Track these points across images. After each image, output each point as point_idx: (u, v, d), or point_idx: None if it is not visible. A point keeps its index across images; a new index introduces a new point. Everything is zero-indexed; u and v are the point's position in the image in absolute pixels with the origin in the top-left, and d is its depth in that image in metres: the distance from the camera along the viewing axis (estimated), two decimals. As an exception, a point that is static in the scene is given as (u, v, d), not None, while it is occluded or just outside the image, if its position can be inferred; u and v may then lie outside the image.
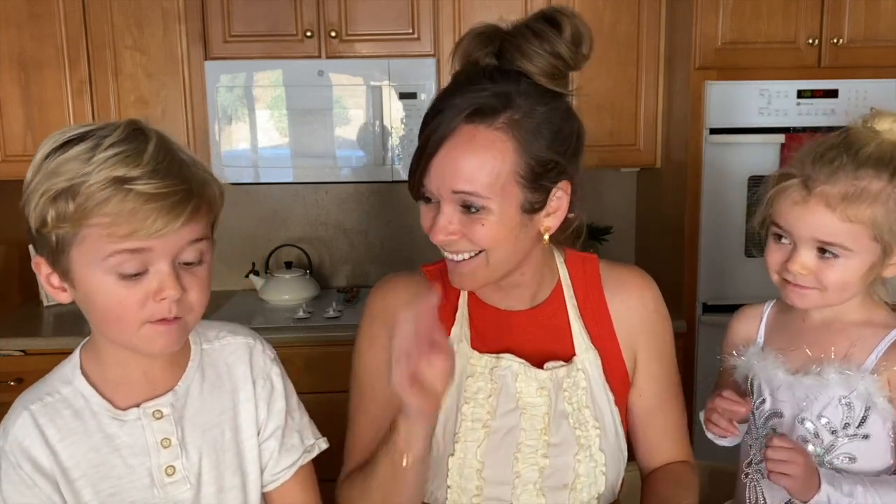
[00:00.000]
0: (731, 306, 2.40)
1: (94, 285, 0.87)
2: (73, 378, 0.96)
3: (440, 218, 1.02)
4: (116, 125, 0.88)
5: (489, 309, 1.14)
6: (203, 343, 1.02)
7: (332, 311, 2.53)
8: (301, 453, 1.06)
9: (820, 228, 1.06)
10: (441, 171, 1.00)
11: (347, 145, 2.53)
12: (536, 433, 1.07)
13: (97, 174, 0.83)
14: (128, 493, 0.94)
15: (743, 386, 1.22)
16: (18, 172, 3.03)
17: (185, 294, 0.89)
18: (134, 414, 0.95)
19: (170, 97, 2.54)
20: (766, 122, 2.34)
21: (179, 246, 0.87)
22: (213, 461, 0.99)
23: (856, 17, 2.33)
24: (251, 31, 2.52)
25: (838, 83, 2.32)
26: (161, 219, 0.83)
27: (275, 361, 1.07)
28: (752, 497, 1.19)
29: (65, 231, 0.86)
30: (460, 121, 0.98)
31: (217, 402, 1.00)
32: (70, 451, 0.93)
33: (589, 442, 1.09)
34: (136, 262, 0.85)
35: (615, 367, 1.14)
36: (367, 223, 2.97)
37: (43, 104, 2.52)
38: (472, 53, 1.04)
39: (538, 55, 1.00)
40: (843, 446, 1.10)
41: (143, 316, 0.88)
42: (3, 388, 2.28)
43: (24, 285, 2.79)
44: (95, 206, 0.83)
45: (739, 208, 2.39)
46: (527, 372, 1.08)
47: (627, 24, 2.53)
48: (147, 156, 0.85)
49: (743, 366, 1.21)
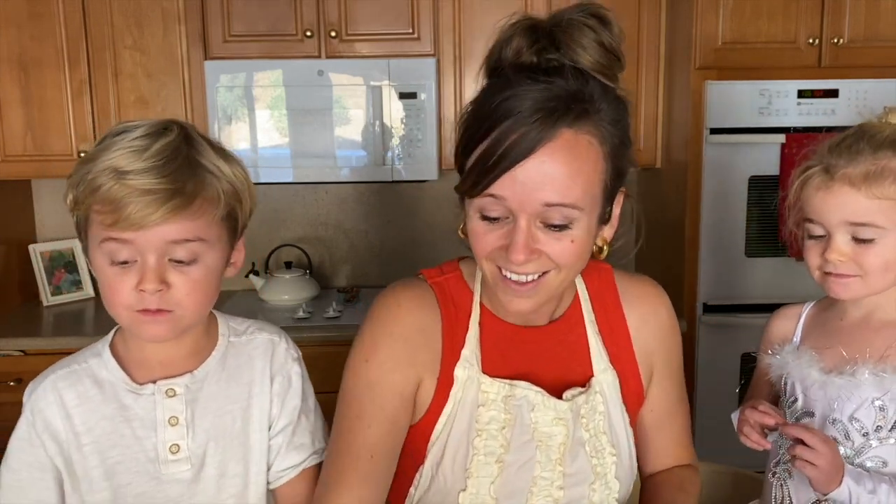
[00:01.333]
0: (731, 306, 2.45)
1: (97, 267, 0.94)
2: (102, 351, 1.03)
3: (518, 235, 0.88)
4: (156, 122, 0.95)
5: (504, 325, 1.04)
6: (231, 336, 1.07)
7: (332, 311, 2.54)
8: (310, 454, 1.06)
9: (848, 209, 1.07)
10: (530, 181, 0.86)
11: (347, 145, 2.52)
12: (552, 464, 1.01)
13: (102, 163, 0.90)
14: (132, 464, 0.99)
15: (777, 385, 1.21)
16: (18, 172, 3.03)
17: (171, 290, 0.93)
18: (149, 389, 1.00)
19: (170, 97, 2.53)
20: (766, 122, 2.34)
21: (163, 242, 0.91)
22: (220, 447, 1.02)
23: (856, 17, 2.33)
24: (251, 31, 2.52)
25: (838, 83, 2.32)
26: (139, 212, 0.88)
27: (297, 361, 1.09)
28: (778, 496, 1.18)
29: (79, 213, 0.94)
30: (560, 125, 0.86)
31: (232, 390, 1.04)
32: (84, 417, 0.98)
33: (605, 470, 1.03)
34: (125, 251, 0.91)
35: (632, 387, 1.09)
36: (367, 223, 2.97)
37: (43, 104, 2.51)
38: (524, 47, 0.92)
39: (595, 48, 0.91)
40: (874, 449, 1.09)
41: (128, 303, 0.93)
42: (3, 388, 2.28)
43: (24, 285, 2.79)
44: (91, 192, 0.90)
45: (740, 208, 2.39)
46: (545, 402, 1.00)
47: (627, 24, 2.52)
48: (149, 152, 0.90)
49: (777, 364, 1.20)
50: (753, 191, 2.37)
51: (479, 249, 0.94)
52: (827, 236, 1.10)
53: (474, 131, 0.91)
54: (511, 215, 0.89)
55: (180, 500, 1.00)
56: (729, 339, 2.40)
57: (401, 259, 2.98)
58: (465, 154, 0.93)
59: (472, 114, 0.93)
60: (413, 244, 2.97)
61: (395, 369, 1.00)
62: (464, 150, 0.93)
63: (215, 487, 1.01)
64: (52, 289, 2.77)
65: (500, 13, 0.96)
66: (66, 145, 2.53)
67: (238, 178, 0.98)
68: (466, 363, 1.01)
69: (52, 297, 2.76)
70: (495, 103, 0.89)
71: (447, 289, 1.05)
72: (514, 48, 0.92)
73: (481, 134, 0.89)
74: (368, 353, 1.01)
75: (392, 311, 1.03)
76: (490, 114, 0.89)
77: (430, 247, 2.96)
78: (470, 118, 0.93)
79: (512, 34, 0.93)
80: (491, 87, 0.93)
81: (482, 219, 0.92)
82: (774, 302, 1.30)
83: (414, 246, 2.98)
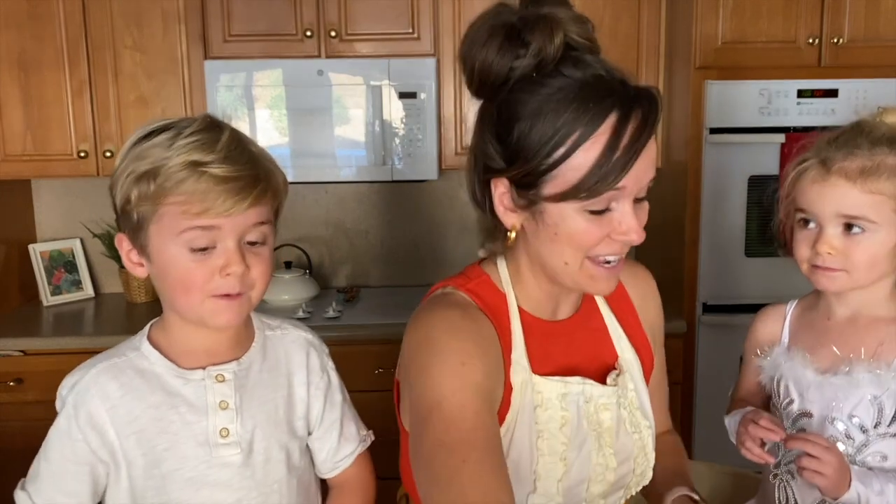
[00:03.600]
0: (731, 306, 2.44)
1: (168, 258, 0.96)
2: (141, 345, 1.04)
3: (631, 218, 0.91)
4: (194, 118, 0.99)
5: (539, 323, 1.04)
6: (266, 330, 1.11)
7: (332, 311, 2.54)
8: (359, 443, 1.17)
9: (842, 202, 1.08)
10: (644, 166, 0.90)
11: (347, 145, 2.52)
12: (604, 449, 1.03)
13: (176, 158, 0.93)
14: (181, 449, 1.01)
15: (769, 387, 1.22)
16: (18, 172, 3.03)
17: (248, 271, 0.97)
18: (199, 374, 1.02)
19: (170, 97, 2.53)
20: (766, 121, 2.34)
21: (245, 226, 0.96)
22: (265, 432, 1.05)
23: (856, 17, 2.33)
24: (251, 31, 2.52)
25: (838, 83, 2.32)
26: (230, 199, 0.93)
27: (329, 357, 1.16)
28: (783, 497, 1.19)
29: (145, 209, 0.95)
30: (658, 108, 0.89)
31: (274, 380, 1.08)
32: (129, 407, 1.00)
33: (644, 442, 1.08)
34: (206, 238, 0.94)
35: (646, 359, 1.13)
36: (367, 223, 2.97)
37: (43, 104, 2.51)
38: (540, 49, 0.90)
39: (575, 26, 0.92)
40: (875, 445, 1.10)
41: (209, 289, 0.96)
42: (3, 388, 2.27)
43: (24, 285, 2.79)
44: (173, 185, 0.92)
45: (739, 208, 2.39)
46: (597, 391, 1.03)
47: (627, 23, 2.53)
48: (220, 144, 0.95)
49: (769, 366, 1.20)
50: (753, 191, 2.37)
51: (586, 244, 0.92)
52: (818, 228, 1.11)
53: (568, 132, 0.87)
54: (616, 202, 0.91)
55: (230, 483, 1.03)
56: (729, 339, 2.39)
57: (400, 259, 2.98)
58: (557, 161, 0.88)
59: (548, 118, 0.88)
60: (413, 244, 2.98)
61: (489, 372, 0.94)
62: (554, 158, 0.88)
63: (262, 472, 1.05)
64: (52, 289, 2.78)
65: (499, 13, 0.96)
66: (66, 145, 2.53)
67: (279, 168, 1.03)
68: (519, 367, 0.99)
69: (51, 297, 2.76)
70: (581, 96, 0.87)
71: (482, 294, 1.02)
72: (555, 46, 0.89)
73: (583, 132, 0.87)
74: (463, 358, 0.91)
75: (460, 320, 0.96)
76: (588, 110, 0.86)
77: (431, 247, 2.97)
78: (548, 123, 0.88)
79: (502, 42, 0.91)
80: (552, 84, 0.89)
81: (591, 213, 0.91)
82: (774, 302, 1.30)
83: (414, 246, 2.98)
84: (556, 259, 0.95)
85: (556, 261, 0.95)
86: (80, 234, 2.87)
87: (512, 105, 0.91)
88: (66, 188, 2.87)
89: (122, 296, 2.84)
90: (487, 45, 0.92)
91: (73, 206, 2.87)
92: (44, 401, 2.20)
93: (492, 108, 0.94)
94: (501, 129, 0.92)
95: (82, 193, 2.86)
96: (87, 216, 2.84)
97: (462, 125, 2.60)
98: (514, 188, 0.93)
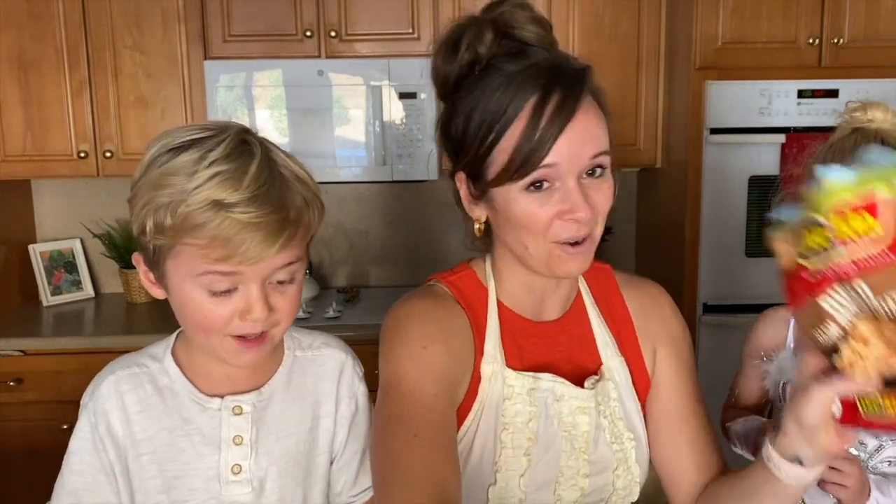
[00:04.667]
0: (731, 306, 2.44)
1: (185, 296, 0.89)
2: (164, 357, 0.99)
3: (576, 195, 0.91)
4: (224, 134, 0.88)
5: (521, 321, 1.05)
6: (297, 350, 1.03)
7: (332, 311, 2.54)
8: None
9: None
10: (576, 140, 0.91)
11: (347, 145, 2.53)
12: (577, 453, 1.02)
13: (197, 194, 0.83)
14: (190, 480, 0.95)
15: (773, 392, 1.20)
16: (18, 172, 3.03)
17: (273, 312, 0.90)
18: (216, 403, 0.97)
19: (169, 97, 2.53)
20: (766, 122, 2.34)
21: (271, 269, 0.89)
22: (281, 470, 0.98)
23: (856, 17, 2.33)
24: (251, 31, 2.52)
25: (839, 83, 2.32)
26: (256, 247, 0.84)
27: (362, 381, 1.07)
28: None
29: (162, 243, 0.87)
30: (580, 83, 0.92)
31: (298, 411, 1.00)
32: (144, 425, 0.95)
33: (626, 455, 1.05)
34: (227, 282, 0.87)
35: (640, 374, 1.10)
36: (367, 223, 2.97)
37: (43, 104, 2.52)
38: (489, 42, 0.99)
39: (533, 26, 0.99)
40: (887, 450, 1.09)
41: (228, 330, 0.90)
42: (3, 388, 2.26)
43: (24, 285, 2.79)
44: (193, 227, 0.83)
45: (740, 208, 2.39)
46: (569, 392, 1.02)
47: (627, 24, 2.53)
48: (248, 178, 0.85)
49: (775, 371, 1.19)
50: (753, 191, 2.37)
51: (535, 226, 0.94)
52: None
53: (494, 118, 0.93)
54: (559, 180, 0.92)
55: None
56: (729, 339, 2.39)
57: (400, 259, 2.98)
58: (489, 146, 0.94)
59: (479, 109, 0.95)
60: (413, 244, 2.98)
61: (451, 359, 0.97)
62: (486, 144, 0.94)
63: None
64: (52, 289, 2.77)
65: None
66: (66, 145, 2.53)
67: (312, 179, 0.96)
68: (491, 358, 1.01)
69: (51, 297, 2.76)
70: (507, 84, 0.92)
71: (462, 287, 1.06)
72: (485, 44, 0.97)
73: (507, 115, 0.92)
74: (426, 342, 0.96)
75: (432, 309, 1.01)
76: (511, 95, 0.92)
77: (430, 246, 2.96)
78: (479, 113, 0.95)
79: (445, 50, 1.01)
80: (486, 78, 0.96)
81: (534, 190, 0.92)
82: (774, 302, 1.29)
83: (414, 246, 2.98)
84: (519, 245, 0.97)
85: (518, 246, 0.97)
86: (80, 234, 2.87)
87: (455, 102, 0.99)
88: (66, 188, 2.87)
89: (122, 296, 2.84)
90: (438, 54, 1.04)
91: (73, 206, 2.87)
92: (44, 401, 2.21)
93: (443, 109, 1.02)
94: (448, 125, 1.00)
95: (82, 193, 2.86)
96: (87, 216, 2.83)
97: (462, 125, 2.59)
98: (470, 181, 1.00)
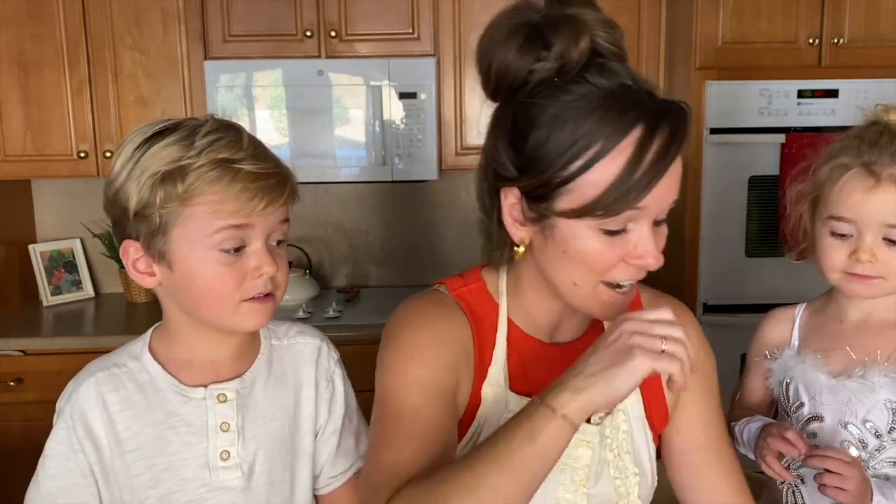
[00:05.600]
0: (731, 306, 2.44)
1: (195, 264, 0.91)
2: (141, 354, 0.99)
3: (649, 241, 0.85)
4: (199, 119, 0.94)
5: (531, 341, 0.98)
6: (273, 339, 1.06)
7: (332, 311, 2.54)
8: (355, 459, 1.06)
9: (891, 211, 1.05)
10: (668, 186, 0.84)
11: (347, 145, 2.52)
12: (575, 486, 0.96)
13: (205, 156, 0.88)
14: (180, 471, 0.96)
15: (777, 391, 1.20)
16: (18, 172, 3.03)
17: (277, 271, 0.94)
18: (200, 393, 0.97)
19: (169, 97, 2.53)
20: (766, 122, 2.34)
21: (274, 224, 0.94)
22: (268, 454, 1.00)
23: (856, 17, 2.33)
24: (251, 31, 2.52)
25: (839, 83, 2.32)
26: (266, 197, 0.90)
27: (338, 364, 1.09)
28: (791, 501, 1.17)
29: (169, 210, 0.89)
30: (690, 129, 0.85)
31: (280, 396, 1.02)
32: (128, 423, 0.96)
33: (628, 490, 0.99)
34: (237, 238, 0.91)
35: (657, 405, 1.03)
36: (367, 223, 2.97)
37: (43, 104, 2.51)
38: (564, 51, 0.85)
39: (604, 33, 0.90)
40: (888, 450, 1.08)
41: (240, 293, 0.92)
42: (3, 388, 2.26)
43: (24, 285, 2.79)
44: (205, 185, 0.88)
45: (740, 208, 2.39)
46: None
47: (627, 23, 2.53)
48: (245, 141, 0.92)
49: (779, 369, 1.18)
50: (753, 191, 2.37)
51: (599, 266, 0.86)
52: (855, 236, 1.08)
53: (586, 144, 0.81)
54: (635, 223, 0.85)
55: None
56: (729, 339, 2.37)
57: (400, 259, 2.98)
58: (573, 174, 0.82)
59: (568, 127, 0.82)
60: (413, 244, 2.97)
61: (443, 369, 0.91)
62: (570, 171, 0.82)
63: (265, 496, 1.00)
64: (52, 289, 2.77)
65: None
66: (66, 145, 2.53)
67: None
68: (494, 381, 0.95)
69: (51, 297, 2.76)
70: (604, 107, 0.82)
71: (472, 301, 0.97)
72: (580, 50, 0.84)
73: (603, 145, 0.81)
74: (414, 353, 0.91)
75: (430, 317, 0.95)
76: (609, 122, 0.81)
77: (430, 247, 2.96)
78: (568, 133, 0.82)
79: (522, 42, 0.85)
80: (574, 90, 0.83)
81: (606, 234, 0.84)
82: (774, 302, 1.29)
83: (414, 246, 2.98)
84: (564, 278, 0.89)
85: (564, 280, 0.89)
86: (80, 234, 2.87)
87: (529, 110, 0.85)
88: (66, 188, 2.87)
89: (122, 296, 2.84)
90: (507, 44, 0.85)
91: (73, 206, 2.87)
92: (44, 401, 2.20)
93: (508, 111, 0.88)
94: (516, 135, 0.86)
95: (82, 193, 2.86)
96: (87, 216, 2.83)
97: (462, 125, 2.59)
98: (525, 200, 0.87)
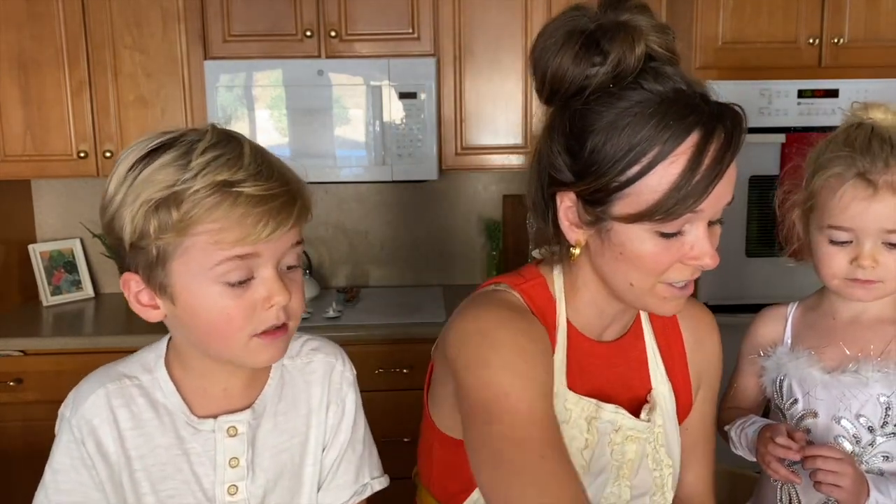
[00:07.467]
0: (731, 306, 2.44)
1: (198, 298, 0.83)
2: (156, 368, 0.93)
3: (706, 243, 0.87)
4: (202, 130, 0.84)
5: (585, 340, 1.00)
6: (285, 359, 0.96)
7: (332, 311, 2.53)
8: (351, 494, 1.00)
9: (890, 217, 1.06)
10: (724, 188, 0.86)
11: (347, 145, 2.52)
12: (621, 479, 1.00)
13: (201, 179, 0.79)
14: (186, 499, 0.92)
15: (770, 389, 1.21)
16: (18, 172, 3.03)
17: (290, 300, 0.86)
18: (209, 425, 0.92)
19: (169, 97, 2.53)
20: (766, 121, 2.34)
21: (284, 250, 0.85)
22: (276, 485, 0.96)
23: (856, 17, 2.33)
24: (251, 31, 2.52)
25: (839, 83, 2.32)
26: (272, 222, 0.80)
27: (352, 386, 1.01)
28: (786, 499, 1.18)
29: (166, 241, 0.81)
30: (745, 131, 0.87)
31: (290, 424, 0.97)
32: (138, 442, 0.91)
33: (664, 482, 1.03)
34: (243, 270, 0.82)
35: (683, 400, 1.08)
36: (367, 223, 2.97)
37: (43, 104, 2.51)
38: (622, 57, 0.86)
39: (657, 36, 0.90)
40: (881, 445, 1.10)
41: (250, 328, 0.84)
42: (3, 388, 2.26)
43: (24, 285, 2.79)
44: (204, 212, 0.79)
45: (740, 208, 2.39)
46: (628, 423, 0.98)
47: (627, 23, 2.53)
48: (247, 158, 0.81)
49: (772, 367, 1.19)
50: (753, 191, 2.37)
51: (655, 268, 0.88)
52: (855, 243, 1.09)
53: (644, 149, 0.83)
54: (692, 225, 0.87)
55: None
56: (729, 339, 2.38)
57: (401, 259, 2.98)
58: (631, 179, 0.84)
59: (625, 133, 0.84)
60: (413, 244, 2.97)
61: (548, 372, 0.92)
62: (628, 176, 0.84)
63: None
64: (52, 289, 2.77)
65: (500, 12, 0.95)
66: (66, 145, 2.53)
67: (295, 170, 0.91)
68: (558, 373, 0.96)
69: (51, 297, 2.76)
70: (662, 112, 0.83)
71: (534, 296, 0.98)
72: (636, 56, 0.86)
73: (662, 150, 0.83)
74: (525, 356, 0.89)
75: (515, 319, 0.93)
76: (666, 126, 0.83)
77: (431, 247, 2.96)
78: (625, 138, 0.84)
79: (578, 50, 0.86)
80: (631, 97, 0.85)
81: (662, 237, 0.86)
82: (774, 302, 1.30)
83: (414, 246, 2.98)
84: (621, 279, 0.91)
85: (621, 281, 0.91)
86: (80, 234, 2.87)
87: (586, 116, 0.86)
88: (66, 188, 2.87)
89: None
90: (562, 51, 0.87)
91: (73, 206, 2.87)
92: (44, 401, 2.21)
93: (563, 117, 0.89)
94: (573, 140, 0.87)
95: (82, 193, 2.86)
96: (87, 216, 2.83)
97: (462, 125, 2.59)
98: (582, 203, 0.89)
